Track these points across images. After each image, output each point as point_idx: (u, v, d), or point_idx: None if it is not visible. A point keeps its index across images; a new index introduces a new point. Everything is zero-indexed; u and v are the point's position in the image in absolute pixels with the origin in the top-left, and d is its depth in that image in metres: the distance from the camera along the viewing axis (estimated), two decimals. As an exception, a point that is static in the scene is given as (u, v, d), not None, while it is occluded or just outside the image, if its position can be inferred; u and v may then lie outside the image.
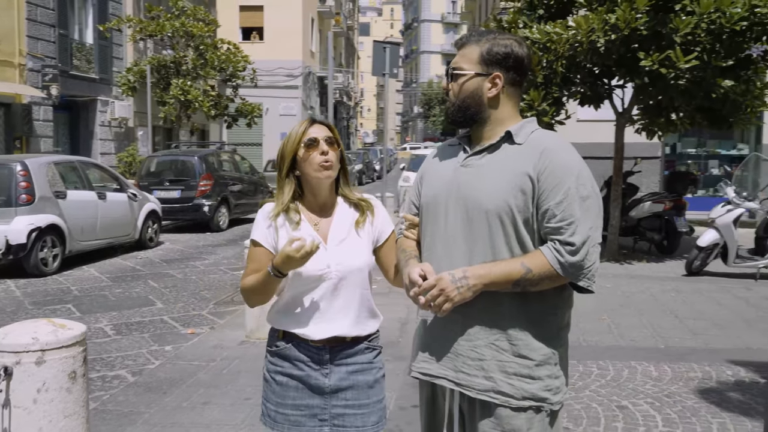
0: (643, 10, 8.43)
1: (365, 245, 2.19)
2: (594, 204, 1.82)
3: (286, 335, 2.16)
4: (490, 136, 1.95)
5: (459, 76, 1.95)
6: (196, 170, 13.39)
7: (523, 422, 1.86)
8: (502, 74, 1.92)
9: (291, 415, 2.16)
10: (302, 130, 2.16)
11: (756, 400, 4.22)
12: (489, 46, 1.92)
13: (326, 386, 2.13)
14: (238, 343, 5.65)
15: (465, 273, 1.80)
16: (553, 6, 10.08)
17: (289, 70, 28.80)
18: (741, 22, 8.44)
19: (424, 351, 1.97)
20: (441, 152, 2.11)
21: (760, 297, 7.40)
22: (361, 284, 2.16)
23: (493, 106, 1.94)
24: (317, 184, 2.17)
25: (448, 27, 74.32)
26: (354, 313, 2.14)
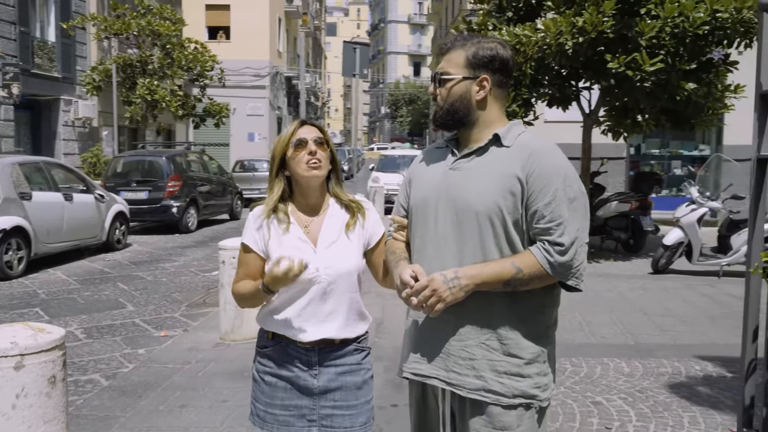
0: (610, 13, 8.60)
1: (355, 248, 2.20)
2: (581, 205, 1.87)
3: (275, 336, 2.17)
4: (478, 138, 1.98)
5: (446, 81, 1.98)
6: (163, 171, 13.22)
7: (514, 419, 1.90)
8: (489, 76, 1.95)
9: (280, 415, 2.17)
10: (291, 130, 2.18)
11: (724, 394, 4.35)
12: (474, 50, 1.96)
13: (315, 387, 2.14)
14: (213, 345, 5.61)
15: (457, 273, 1.83)
16: (521, 9, 10.22)
17: (256, 70, 28.58)
18: (703, 26, 8.66)
19: (416, 351, 1.99)
20: (428, 155, 2.14)
21: (723, 294, 7.61)
22: (350, 287, 2.17)
23: (482, 108, 1.97)
24: (307, 184, 2.18)
25: (414, 28, 74.59)
26: (343, 315, 2.15)
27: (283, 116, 32.71)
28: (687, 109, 9.71)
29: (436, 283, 1.82)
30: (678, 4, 8.60)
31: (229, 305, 5.69)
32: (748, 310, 2.54)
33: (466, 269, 1.84)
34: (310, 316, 2.12)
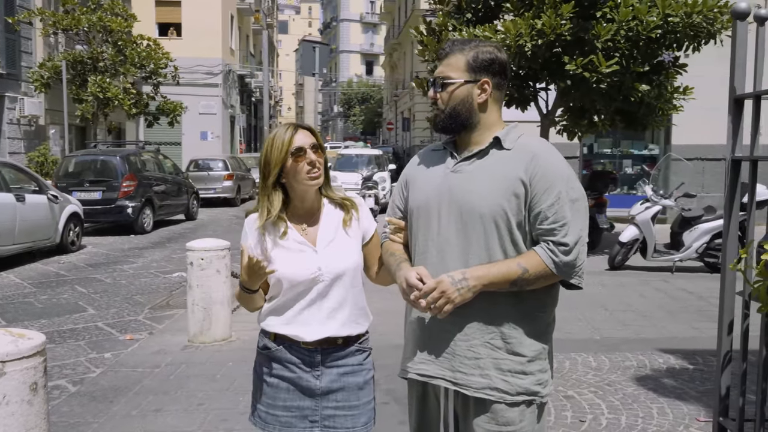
0: (568, 16, 8.79)
1: (354, 245, 2.21)
2: (582, 206, 1.93)
3: (277, 337, 2.17)
4: (479, 141, 2.02)
5: (448, 85, 2.01)
6: (118, 170, 12.93)
7: (516, 415, 1.95)
8: (490, 79, 1.99)
9: (282, 416, 2.17)
10: (288, 138, 2.13)
11: (688, 386, 4.53)
12: (474, 54, 1.99)
13: (317, 388, 2.15)
14: (181, 348, 5.54)
15: (464, 275, 1.87)
16: (480, 10, 10.36)
17: (208, 68, 28.15)
18: (656, 30, 8.95)
19: (422, 351, 2.02)
20: (425, 157, 2.17)
21: (677, 289, 7.89)
22: (352, 284, 2.18)
23: (483, 111, 2.01)
24: (305, 192, 2.17)
25: (367, 27, 74.59)
26: (346, 313, 2.16)
27: (236, 115, 32.31)
28: (640, 110, 10.01)
29: (444, 285, 1.86)
30: (632, 8, 8.85)
31: (197, 307, 5.62)
32: (724, 305, 2.66)
33: (473, 270, 1.88)
34: (313, 315, 2.13)
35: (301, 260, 2.12)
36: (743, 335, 2.55)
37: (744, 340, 2.56)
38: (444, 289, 1.85)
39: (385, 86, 57.98)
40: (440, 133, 2.13)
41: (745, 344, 2.56)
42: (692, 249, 8.99)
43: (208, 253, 5.58)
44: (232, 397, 4.41)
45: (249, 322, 6.30)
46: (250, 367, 4.92)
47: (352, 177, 17.18)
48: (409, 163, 2.24)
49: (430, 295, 1.87)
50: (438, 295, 1.86)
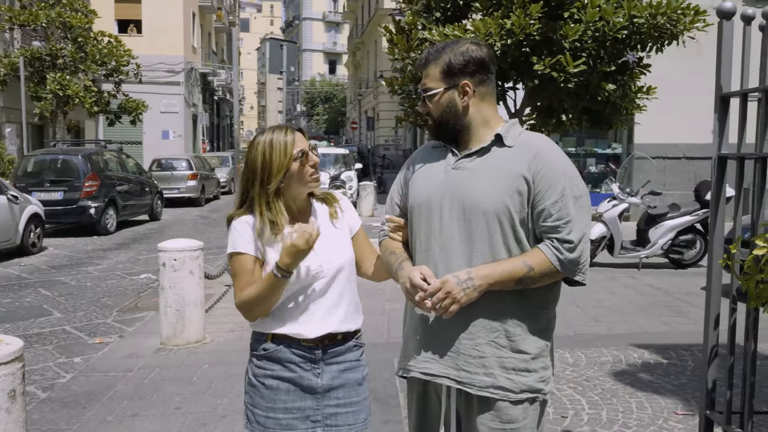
0: (536, 16, 8.88)
1: (346, 238, 2.20)
2: (586, 203, 1.94)
3: (275, 337, 2.12)
4: (479, 138, 2.01)
5: (431, 97, 2.00)
6: (80, 170, 12.61)
7: (520, 412, 1.95)
8: (469, 80, 1.97)
9: (283, 419, 2.12)
10: (291, 141, 2.08)
11: (663, 380, 4.61)
12: (447, 60, 1.97)
13: (319, 386, 2.12)
14: (154, 351, 5.42)
15: (470, 274, 1.86)
16: (449, 9, 10.39)
17: (170, 66, 27.69)
18: (622, 30, 9.08)
19: (426, 350, 2.00)
20: (424, 155, 2.15)
21: (645, 285, 8.04)
22: (349, 278, 2.17)
23: (471, 112, 2.00)
24: (299, 194, 2.14)
25: (329, 26, 74.37)
26: (344, 307, 2.14)
27: (198, 113, 31.85)
28: (606, 109, 10.15)
29: (449, 285, 1.84)
30: (599, 9, 8.98)
31: (169, 309, 5.51)
32: (710, 300, 2.70)
33: (478, 269, 1.87)
34: (313, 312, 2.10)
35: None
36: (730, 329, 2.59)
37: (731, 335, 2.60)
38: (449, 290, 1.84)
39: (348, 85, 57.92)
40: (440, 141, 2.11)
41: (732, 338, 2.60)
42: (658, 246, 9.17)
43: (181, 254, 5.47)
44: (210, 400, 4.33)
45: (222, 323, 6.22)
46: (226, 369, 4.90)
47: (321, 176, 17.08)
48: (408, 161, 2.22)
49: (436, 295, 1.85)
50: (443, 295, 1.84)
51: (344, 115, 59.28)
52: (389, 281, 2.24)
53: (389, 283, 2.20)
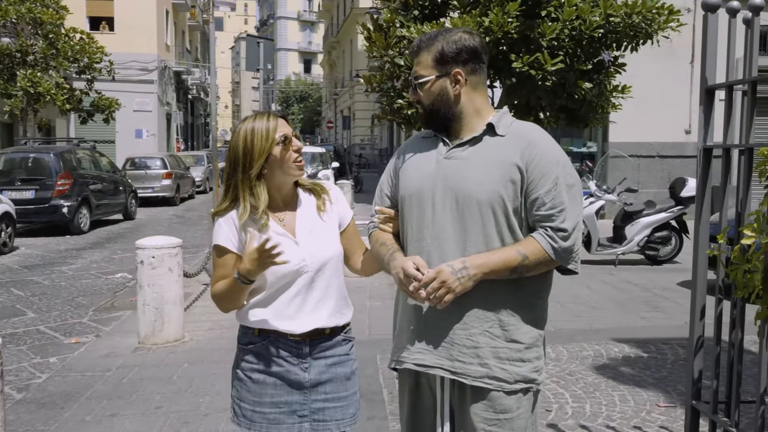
0: (514, 14, 8.93)
1: (333, 231, 2.16)
2: (578, 191, 1.94)
3: (261, 332, 2.09)
4: (470, 127, 1.99)
5: (422, 84, 1.98)
6: (52, 168, 12.37)
7: (514, 402, 1.94)
8: (461, 69, 1.96)
9: (269, 413, 2.09)
10: (273, 126, 2.05)
11: (644, 373, 4.65)
12: (440, 47, 1.95)
13: (306, 381, 2.09)
14: (132, 350, 5.33)
15: (464, 263, 1.84)
16: (427, 7, 10.40)
17: (143, 64, 27.29)
18: (598, 29, 9.18)
19: (420, 341, 1.97)
20: (414, 145, 2.13)
21: (622, 281, 8.12)
22: (336, 272, 2.13)
23: (462, 101, 1.98)
24: (284, 182, 2.10)
25: (304, 25, 74.08)
26: (332, 302, 2.11)
27: (172, 112, 31.49)
28: (582, 108, 10.25)
29: (444, 275, 1.82)
30: (576, 8, 9.05)
31: (147, 307, 5.42)
32: (696, 292, 2.72)
33: (473, 259, 1.86)
34: (300, 307, 2.06)
35: (284, 252, 2.04)
36: (716, 320, 2.62)
37: (717, 325, 2.62)
38: (444, 279, 1.82)
39: (323, 84, 57.74)
40: (430, 130, 2.10)
41: (718, 329, 2.63)
42: (634, 242, 9.27)
43: (159, 251, 5.39)
44: (192, 398, 4.26)
45: (201, 322, 6.14)
46: (207, 368, 4.84)
47: (296, 175, 17.01)
48: (396, 152, 2.20)
49: (430, 285, 1.83)
50: (438, 285, 1.82)
51: (320, 115, 59.11)
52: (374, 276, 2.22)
53: (370, 281, 2.18)
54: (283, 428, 2.09)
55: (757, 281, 2.31)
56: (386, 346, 2.27)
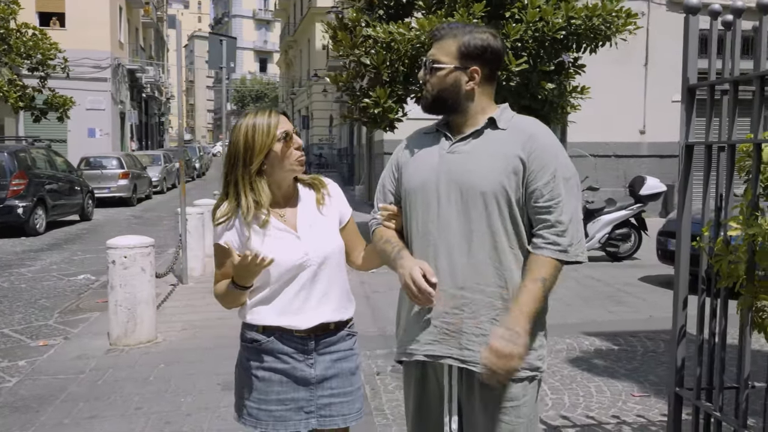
0: (479, 15, 9.06)
1: (334, 225, 2.18)
2: (575, 184, 1.99)
3: (266, 329, 2.09)
4: (473, 123, 2.03)
5: (438, 69, 2.01)
6: (6, 168, 12.00)
7: (520, 390, 1.99)
8: (480, 67, 1.99)
9: (275, 410, 2.10)
10: (274, 122, 2.06)
11: (617, 365, 4.79)
12: (467, 40, 1.99)
13: (312, 377, 2.10)
14: (104, 351, 5.24)
15: (508, 326, 1.86)
16: (392, 7, 10.46)
17: (96, 61, 26.64)
18: (560, 31, 9.39)
19: (429, 333, 2.01)
20: (416, 140, 2.16)
21: (586, 276, 8.31)
22: (339, 266, 2.15)
23: (471, 98, 2.02)
24: (284, 178, 2.11)
25: (260, 23, 73.42)
26: (336, 297, 2.12)
27: (126, 111, 30.82)
28: (544, 108, 10.45)
29: (503, 349, 1.83)
30: (539, 9, 9.24)
31: (120, 308, 5.33)
32: (679, 283, 2.83)
33: (513, 316, 1.87)
34: (304, 302, 2.07)
35: (285, 247, 2.06)
36: (699, 309, 2.72)
37: (700, 314, 2.73)
38: (507, 352, 1.83)
39: (280, 84, 57.31)
40: (428, 113, 2.13)
41: (701, 318, 2.73)
42: (595, 239, 9.51)
43: (132, 251, 5.30)
44: (172, 398, 4.22)
45: (173, 322, 6.07)
46: (185, 368, 4.79)
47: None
48: (398, 147, 2.23)
49: (494, 365, 1.84)
50: (504, 362, 1.83)
51: (276, 114, 58.52)
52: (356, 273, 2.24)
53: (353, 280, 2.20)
54: (290, 425, 2.10)
55: (741, 271, 2.42)
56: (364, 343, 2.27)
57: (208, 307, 6.74)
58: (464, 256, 1.96)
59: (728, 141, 2.55)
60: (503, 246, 1.95)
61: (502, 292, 1.96)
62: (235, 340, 2.22)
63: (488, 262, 1.95)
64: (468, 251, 1.96)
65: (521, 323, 1.86)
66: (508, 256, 1.96)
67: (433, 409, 2.12)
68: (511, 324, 1.86)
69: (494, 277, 1.95)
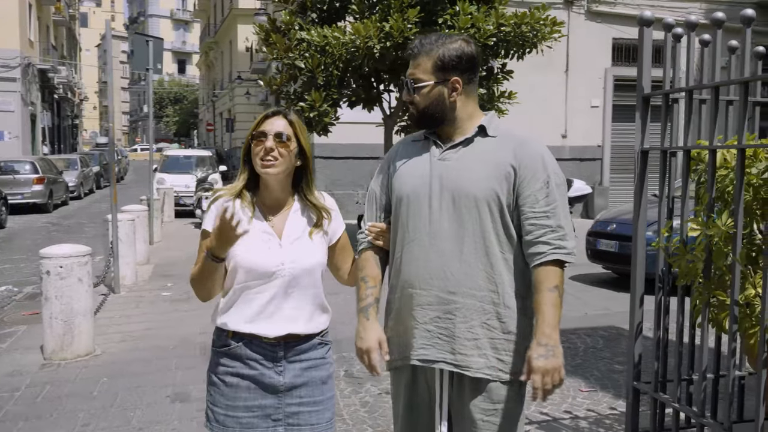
0: (414, 20, 9.18)
1: (320, 247, 2.15)
2: (565, 190, 2.06)
3: (236, 334, 2.07)
4: (462, 130, 2.07)
5: (419, 88, 2.04)
6: None
7: (509, 392, 2.04)
8: (459, 77, 2.04)
9: (242, 417, 2.07)
10: (259, 119, 2.09)
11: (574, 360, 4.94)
12: (441, 53, 2.02)
13: (280, 384, 2.07)
14: (39, 366, 4.98)
15: (540, 341, 1.91)
16: (325, 11, 10.44)
17: (4, 60, 25.27)
18: (491, 38, 9.64)
19: (422, 338, 2.04)
20: (405, 149, 2.18)
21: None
22: (314, 284, 2.12)
23: (457, 108, 2.06)
24: (266, 179, 2.10)
25: (178, 24, 71.54)
26: (307, 311, 2.10)
27: (37, 113, 29.35)
28: (475, 113, 10.69)
29: (541, 367, 1.89)
30: (471, 16, 9.45)
31: (55, 320, 5.08)
32: (636, 282, 2.97)
33: (541, 332, 1.91)
34: (274, 312, 2.05)
35: (264, 250, 2.04)
36: (657, 306, 2.87)
37: (658, 311, 2.87)
38: (546, 369, 1.89)
39: (200, 86, 56.04)
40: (420, 129, 2.16)
41: (658, 314, 2.88)
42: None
43: (68, 260, 5.07)
44: (120, 413, 4.06)
45: (110, 334, 5.84)
46: (130, 381, 4.64)
47: (183, 179, 16.45)
48: (387, 155, 2.23)
49: (544, 384, 1.90)
50: (547, 379, 1.90)
51: (197, 117, 57.26)
52: None
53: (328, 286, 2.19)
54: None
55: (699, 269, 2.57)
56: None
57: (144, 317, 6.53)
58: (456, 262, 2.00)
59: (684, 146, 2.70)
60: (495, 251, 2.00)
61: (493, 296, 2.00)
62: (177, 351, 2.19)
63: (480, 267, 1.99)
64: (460, 257, 2.00)
65: (553, 336, 1.91)
66: (499, 261, 2.00)
67: (423, 413, 2.15)
68: (543, 340, 1.90)
69: (485, 282, 1.99)
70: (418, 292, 2.05)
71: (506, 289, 2.02)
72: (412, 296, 2.06)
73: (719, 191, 2.62)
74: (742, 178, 2.39)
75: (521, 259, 2.02)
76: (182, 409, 4.11)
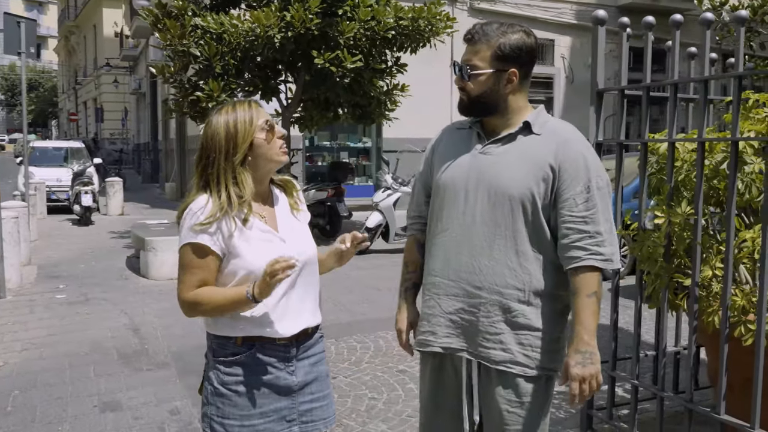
0: (315, 11, 9.06)
1: (307, 228, 2.12)
2: (606, 194, 2.03)
3: (245, 341, 1.96)
4: (508, 124, 2.05)
5: (475, 75, 2.00)
6: None
7: (535, 387, 2.04)
8: (517, 69, 2.01)
9: (259, 424, 1.98)
10: (255, 112, 1.96)
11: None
12: (502, 43, 1.99)
13: (294, 384, 2.02)
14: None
15: (579, 348, 1.92)
16: (219, -3, 10.06)
17: None
18: (390, 30, 9.73)
19: (447, 326, 2.06)
20: (450, 135, 2.18)
21: (424, 266, 8.72)
22: (314, 270, 2.09)
23: (509, 99, 2.04)
24: (266, 173, 2.01)
25: (31, 5, 66.12)
26: (311, 300, 2.07)
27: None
28: (371, 104, 10.76)
29: (583, 374, 1.90)
30: (371, 8, 9.48)
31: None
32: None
33: (579, 339, 1.92)
34: (287, 308, 1.98)
35: (272, 250, 1.94)
36: (614, 290, 3.03)
37: (615, 296, 3.04)
38: (584, 376, 1.90)
39: (60, 72, 52.22)
40: (466, 116, 2.13)
41: (615, 299, 3.05)
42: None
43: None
44: (44, 428, 3.74)
45: (8, 342, 5.36)
46: (47, 392, 4.31)
47: (54, 173, 15.31)
48: (433, 141, 2.22)
49: (582, 390, 1.92)
50: (584, 386, 1.91)
51: (56, 106, 53.39)
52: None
53: None
54: None
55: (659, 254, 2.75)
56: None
57: (42, 323, 6.03)
58: (485, 258, 2.00)
59: (642, 139, 2.88)
60: (525, 250, 2.00)
61: (519, 295, 2.00)
62: (92, 357, 2.05)
63: (508, 265, 2.00)
64: (490, 253, 2.00)
65: (591, 343, 1.93)
66: (529, 261, 2.00)
67: (448, 397, 2.15)
68: (581, 346, 1.92)
69: (513, 280, 2.00)
70: (446, 282, 2.06)
71: (534, 287, 2.01)
72: (440, 285, 2.08)
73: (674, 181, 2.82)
74: (702, 169, 2.58)
75: (553, 258, 2.01)
76: (116, 418, 3.85)
